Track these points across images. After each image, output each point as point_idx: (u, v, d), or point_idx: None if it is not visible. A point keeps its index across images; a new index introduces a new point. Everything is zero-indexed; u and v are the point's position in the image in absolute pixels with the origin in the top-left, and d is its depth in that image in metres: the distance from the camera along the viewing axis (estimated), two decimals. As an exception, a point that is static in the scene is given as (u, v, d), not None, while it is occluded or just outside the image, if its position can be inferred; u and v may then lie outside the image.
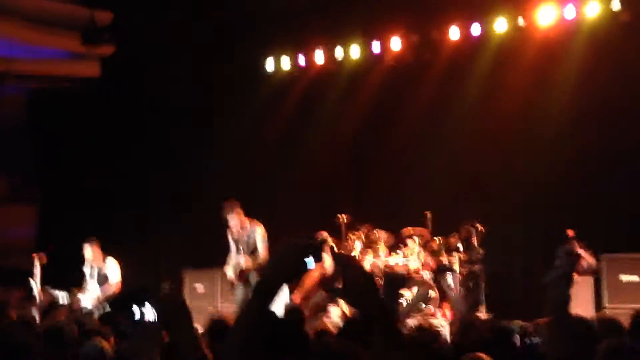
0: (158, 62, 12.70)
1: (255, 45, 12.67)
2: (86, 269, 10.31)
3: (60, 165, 13.49)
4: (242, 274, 9.17)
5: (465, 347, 4.00)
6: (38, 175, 13.53)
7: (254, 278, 9.15)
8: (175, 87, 12.87)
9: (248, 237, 9.23)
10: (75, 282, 10.20)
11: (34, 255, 10.22)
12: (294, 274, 2.44)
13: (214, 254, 10.62)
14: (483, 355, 2.97)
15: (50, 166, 13.57)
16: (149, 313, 3.71)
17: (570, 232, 9.69)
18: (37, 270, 10.05)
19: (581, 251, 9.50)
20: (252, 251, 9.13)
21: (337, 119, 12.47)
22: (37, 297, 9.72)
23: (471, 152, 11.52)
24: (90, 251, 10.21)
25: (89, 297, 10.00)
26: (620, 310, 8.85)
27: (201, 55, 12.61)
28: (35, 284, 9.93)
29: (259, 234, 9.20)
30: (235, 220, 9.25)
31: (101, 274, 10.17)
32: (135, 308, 3.80)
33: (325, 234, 10.09)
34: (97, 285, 10.16)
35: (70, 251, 10.97)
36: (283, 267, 2.42)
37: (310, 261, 2.37)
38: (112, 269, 10.19)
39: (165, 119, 13.11)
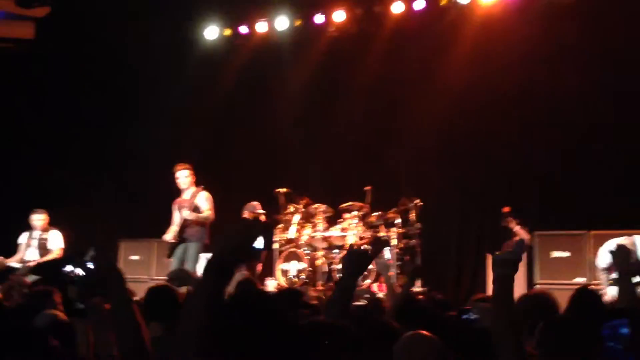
0: (93, 24, 12.35)
1: (197, 12, 12.44)
2: (22, 239, 10.12)
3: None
4: (180, 230, 9.10)
5: (404, 320, 4.03)
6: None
7: (192, 247, 9.08)
8: (111, 50, 12.56)
9: (192, 200, 9.17)
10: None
11: None
12: (245, 255, 2.39)
13: (151, 225, 10.51)
14: (424, 332, 2.99)
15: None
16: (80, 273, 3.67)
17: (506, 209, 9.87)
18: None
19: (517, 227, 9.69)
20: (194, 211, 9.09)
21: (278, 90, 12.37)
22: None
23: (411, 126, 11.58)
24: (41, 220, 10.04)
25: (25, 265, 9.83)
26: (551, 286, 9.12)
27: (139, 18, 12.29)
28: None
29: (203, 196, 9.16)
30: (188, 178, 9.20)
31: (43, 244, 10.02)
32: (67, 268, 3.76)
33: (256, 204, 10.06)
34: (38, 255, 9.99)
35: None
36: (234, 245, 2.36)
37: (259, 242, 2.34)
38: (56, 238, 10.06)
39: (100, 82, 12.80)
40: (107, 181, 12.50)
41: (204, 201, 9.19)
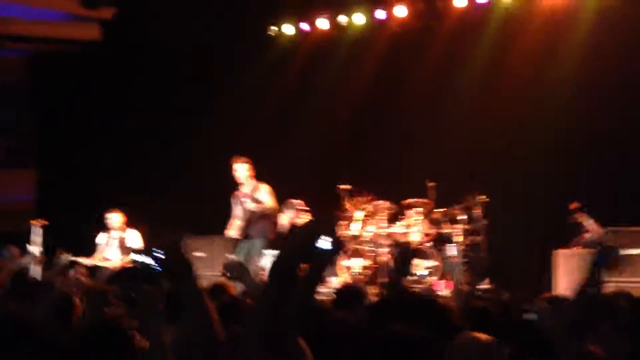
0: (159, 25, 12.52)
1: (260, 9, 12.50)
2: (101, 239, 10.34)
3: (60, 130, 13.37)
4: (245, 227, 9.09)
5: (467, 317, 3.97)
6: (37, 139, 13.41)
7: (257, 243, 9.08)
8: (177, 50, 12.72)
9: (252, 194, 9.17)
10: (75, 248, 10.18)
11: (33, 222, 10.19)
12: (307, 258, 2.37)
13: (214, 222, 10.58)
14: (482, 334, 2.89)
15: (50, 130, 13.45)
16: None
17: (574, 205, 9.64)
18: (38, 237, 10.03)
19: (588, 222, 9.45)
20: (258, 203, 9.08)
21: (340, 86, 12.35)
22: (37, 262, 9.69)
23: (476, 121, 11.41)
24: (117, 219, 10.26)
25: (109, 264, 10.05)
26: (621, 284, 8.86)
27: (204, 18, 12.43)
28: (35, 250, 9.90)
29: (264, 189, 9.14)
30: (247, 172, 9.20)
31: (122, 244, 10.20)
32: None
33: (296, 202, 9.83)
34: (119, 255, 10.17)
35: (69, 218, 10.93)
36: (295, 250, 2.35)
37: (326, 244, 2.31)
38: (135, 238, 10.25)
39: (165, 82, 12.97)
40: (173, 180, 12.65)
41: (265, 194, 9.16)
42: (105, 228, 10.49)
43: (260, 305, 2.37)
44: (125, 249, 10.17)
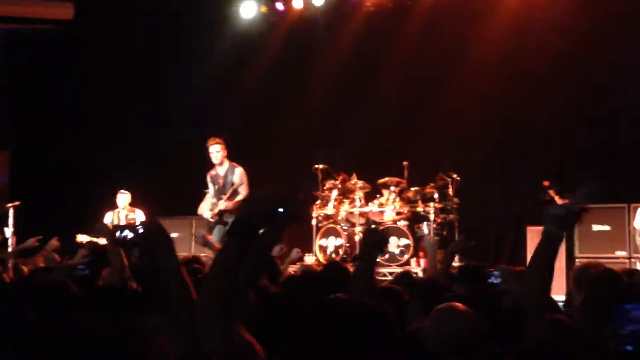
0: (131, 4, 12.46)
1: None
2: (108, 218, 10.34)
3: (34, 110, 13.30)
4: (220, 215, 9.12)
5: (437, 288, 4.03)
6: (11, 120, 13.31)
7: (230, 219, 9.10)
8: (150, 30, 12.65)
9: (226, 176, 9.17)
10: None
11: (8, 205, 10.14)
12: (270, 221, 2.38)
13: (188, 202, 10.59)
14: (459, 304, 2.96)
15: (23, 111, 13.36)
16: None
17: (547, 182, 9.79)
18: (10, 220, 10.00)
19: (560, 201, 9.61)
20: (232, 194, 9.07)
21: (315, 66, 12.37)
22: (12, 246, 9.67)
23: (449, 101, 11.50)
24: (125, 198, 10.43)
25: None
26: (592, 260, 9.03)
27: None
28: (10, 233, 9.89)
29: (238, 172, 9.14)
30: (219, 153, 9.18)
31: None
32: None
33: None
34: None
35: (45, 199, 10.89)
36: (259, 209, 2.35)
37: (284, 210, 2.31)
38: (142, 217, 10.41)
39: (139, 62, 12.91)
40: (141, 160, 12.64)
41: (239, 177, 9.16)
42: (112, 207, 10.58)
43: (216, 264, 2.36)
44: None
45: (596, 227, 9.95)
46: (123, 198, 10.57)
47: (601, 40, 10.51)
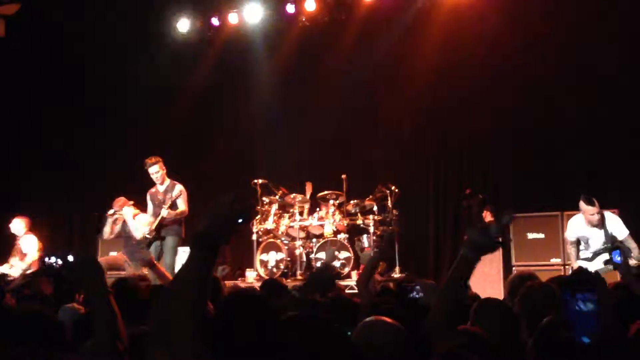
0: (63, 20, 12.26)
1: (169, 6, 12.38)
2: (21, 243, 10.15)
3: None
4: (157, 231, 9.01)
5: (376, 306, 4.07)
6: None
7: (170, 241, 9.01)
8: (83, 46, 12.47)
9: (166, 192, 9.09)
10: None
11: None
12: (231, 229, 2.31)
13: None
14: (385, 318, 2.98)
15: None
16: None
17: (468, 190, 9.93)
18: None
19: (477, 208, 9.76)
20: (171, 207, 8.99)
21: (252, 81, 12.37)
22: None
23: (385, 114, 11.63)
24: (21, 225, 10.11)
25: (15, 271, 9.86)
26: (528, 267, 9.21)
27: (110, 14, 12.21)
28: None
29: (178, 189, 9.06)
30: (158, 173, 9.10)
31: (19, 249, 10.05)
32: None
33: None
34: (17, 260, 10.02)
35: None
36: (220, 222, 2.28)
37: (241, 219, 2.25)
38: (32, 244, 10.06)
39: (73, 78, 12.72)
40: (77, 180, 12.47)
41: (178, 193, 9.11)
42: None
43: (179, 281, 2.28)
44: (22, 254, 10.02)
45: (531, 235, 10.14)
46: (17, 224, 10.17)
47: (528, 52, 10.76)
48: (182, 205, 9.02)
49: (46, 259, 3.83)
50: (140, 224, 8.98)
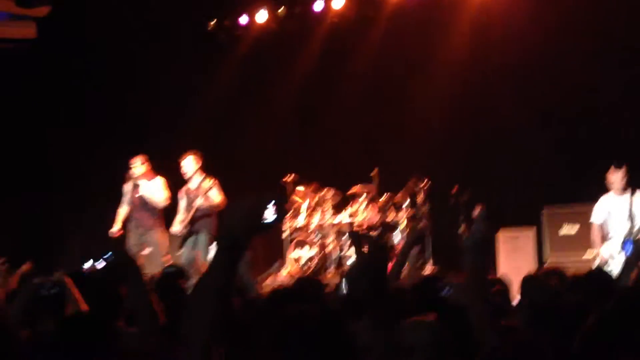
0: (97, 22, 12.37)
1: (199, 4, 12.45)
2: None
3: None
4: (191, 224, 9.03)
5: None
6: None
7: (202, 237, 9.05)
8: (115, 47, 12.58)
9: (198, 187, 9.12)
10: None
11: None
12: (257, 228, 2.28)
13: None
14: (425, 317, 2.95)
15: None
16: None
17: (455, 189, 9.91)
18: None
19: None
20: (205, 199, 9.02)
21: (281, 78, 12.40)
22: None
23: (417, 108, 11.59)
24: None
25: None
26: (562, 262, 9.13)
27: (140, 14, 12.31)
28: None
29: (209, 182, 9.08)
30: (192, 168, 9.13)
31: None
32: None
33: None
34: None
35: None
36: (244, 219, 2.26)
37: (272, 216, 2.22)
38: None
39: (103, 80, 12.82)
40: (117, 180, 12.54)
41: (213, 189, 9.14)
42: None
43: (206, 280, 2.26)
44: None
45: (564, 229, 10.05)
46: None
47: (561, 41, 10.66)
48: (216, 198, 9.03)
49: (85, 266, 3.80)
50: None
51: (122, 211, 9.34)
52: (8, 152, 12.81)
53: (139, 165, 9.23)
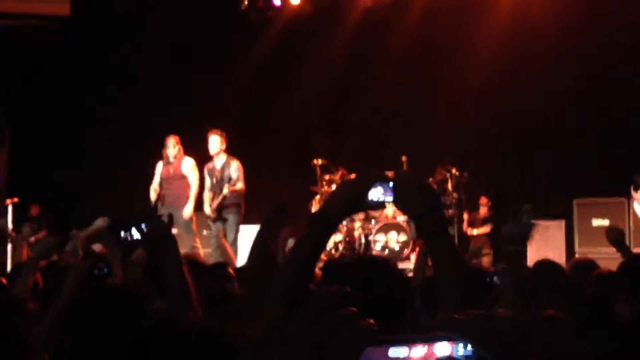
0: (131, 2, 12.41)
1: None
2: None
3: (30, 106, 13.22)
4: (219, 211, 9.02)
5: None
6: (7, 116, 13.23)
7: (231, 218, 9.03)
8: (149, 26, 12.60)
9: (223, 169, 9.09)
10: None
11: (8, 200, 10.09)
12: (356, 207, 2.27)
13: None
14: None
15: (20, 107, 13.29)
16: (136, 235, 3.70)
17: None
18: (9, 216, 9.96)
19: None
20: (228, 182, 8.98)
21: (313, 61, 12.34)
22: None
23: (447, 96, 11.50)
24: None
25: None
26: (591, 255, 9.02)
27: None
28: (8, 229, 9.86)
29: (234, 166, 9.06)
30: (218, 146, 9.09)
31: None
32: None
33: None
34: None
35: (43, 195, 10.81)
36: (343, 198, 2.22)
37: (378, 193, 2.14)
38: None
39: (137, 58, 12.85)
40: (147, 155, 12.57)
41: (235, 171, 9.08)
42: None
43: (293, 254, 2.27)
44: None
45: (596, 222, 9.95)
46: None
47: (598, 33, 10.50)
48: (240, 183, 9.01)
49: (122, 233, 3.74)
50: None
51: (153, 191, 9.35)
52: (42, 130, 12.94)
53: (171, 146, 9.22)
